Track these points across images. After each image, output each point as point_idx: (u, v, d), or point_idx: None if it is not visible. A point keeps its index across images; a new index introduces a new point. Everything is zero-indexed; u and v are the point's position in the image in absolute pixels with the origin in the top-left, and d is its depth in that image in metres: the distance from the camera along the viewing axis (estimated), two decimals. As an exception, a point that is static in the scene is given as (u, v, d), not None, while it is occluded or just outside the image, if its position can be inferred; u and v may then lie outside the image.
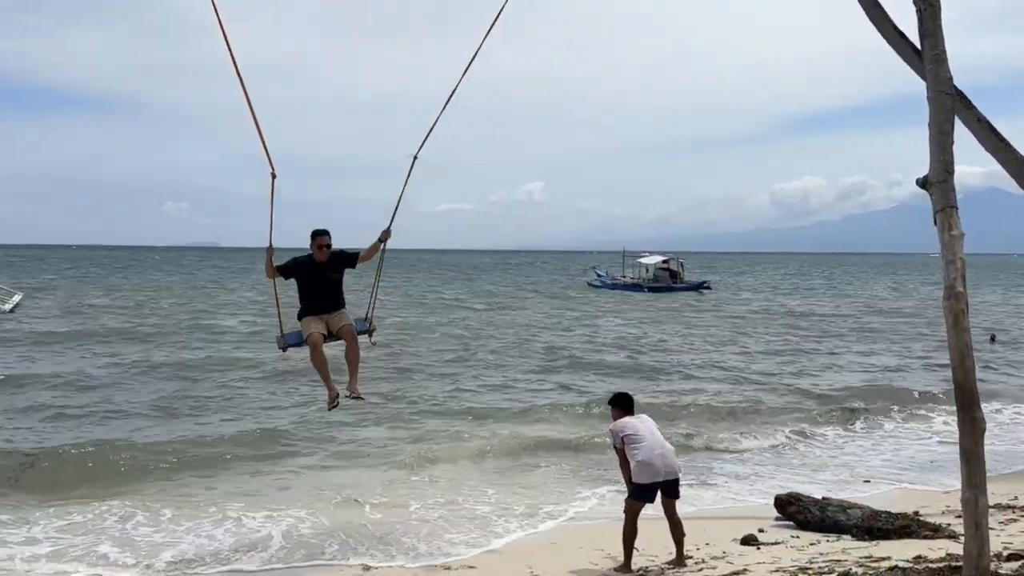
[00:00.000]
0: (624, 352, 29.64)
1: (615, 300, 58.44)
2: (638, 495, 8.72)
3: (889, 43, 7.07)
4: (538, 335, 34.25)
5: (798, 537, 9.71)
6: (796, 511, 10.43)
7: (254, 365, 24.23)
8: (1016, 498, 11.32)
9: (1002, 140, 7.14)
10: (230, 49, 7.44)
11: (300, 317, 9.00)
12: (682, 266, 72.56)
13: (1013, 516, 10.35)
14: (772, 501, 10.91)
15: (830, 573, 7.44)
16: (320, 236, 8.97)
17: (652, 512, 8.78)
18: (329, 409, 8.99)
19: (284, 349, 9.17)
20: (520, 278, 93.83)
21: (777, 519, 10.55)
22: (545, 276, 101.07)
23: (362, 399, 9.04)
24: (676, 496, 8.85)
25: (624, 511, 8.78)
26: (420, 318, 40.21)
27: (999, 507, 10.57)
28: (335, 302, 8.98)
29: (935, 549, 8.31)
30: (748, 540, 9.58)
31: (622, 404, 9.20)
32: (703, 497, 12.37)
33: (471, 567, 9.18)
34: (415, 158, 8.51)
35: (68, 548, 9.84)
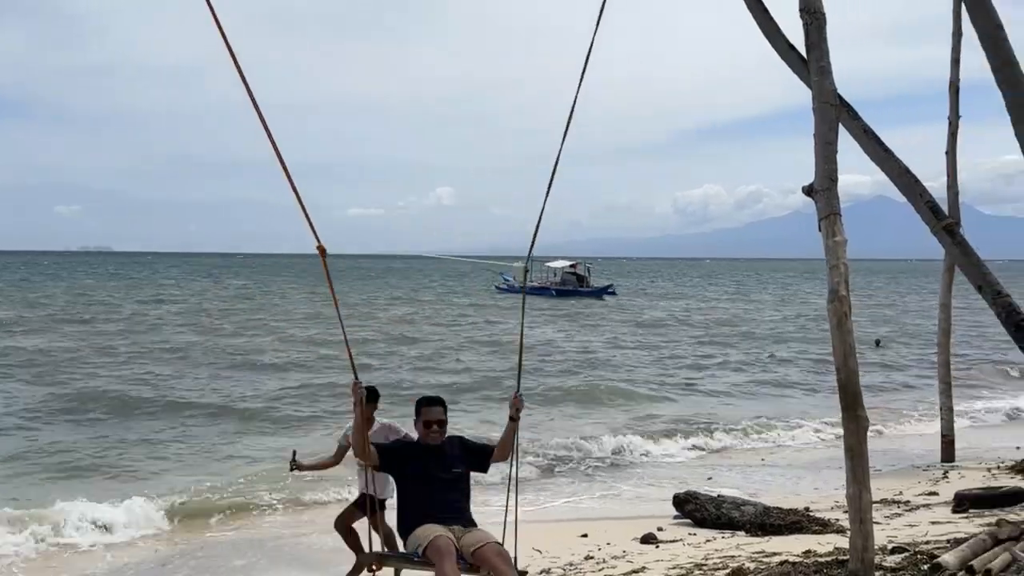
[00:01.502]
0: (517, 356, 29.82)
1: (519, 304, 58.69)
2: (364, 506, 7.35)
3: (780, 55, 7.33)
4: (442, 349, 34.06)
5: (695, 534, 9.94)
6: (693, 509, 10.68)
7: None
8: (901, 493, 11.81)
9: (886, 150, 7.45)
10: (265, 127, 4.93)
11: (407, 530, 5.97)
12: (588, 271, 73.71)
13: (898, 511, 10.77)
14: (671, 500, 11.15)
15: (724, 568, 7.63)
16: (429, 406, 6.17)
17: (562, 515, 8.86)
18: None
19: (376, 570, 6.06)
20: (429, 284, 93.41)
21: (675, 517, 10.79)
22: (453, 281, 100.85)
23: None
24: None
25: (344, 518, 7.87)
26: (324, 329, 39.32)
27: (885, 502, 11.02)
28: (460, 512, 6.01)
29: (824, 543, 8.60)
30: (648, 539, 9.76)
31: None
32: (605, 499, 12.61)
33: None
34: (527, 270, 6.85)
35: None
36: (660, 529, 10.18)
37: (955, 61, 13.44)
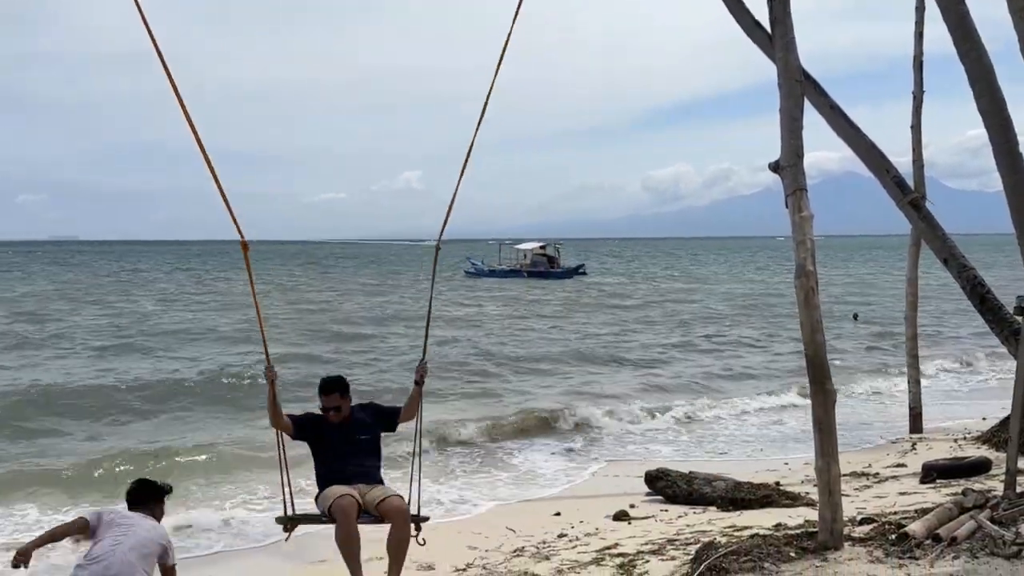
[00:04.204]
0: (494, 339, 29.87)
1: (494, 287, 58.83)
2: None
3: (746, 32, 7.35)
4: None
5: (667, 511, 10.01)
6: (665, 486, 10.75)
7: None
8: (870, 465, 11.95)
9: (853, 126, 7.50)
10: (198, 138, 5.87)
11: (319, 491, 6.68)
12: (558, 251, 73.87)
13: (867, 483, 10.90)
14: (643, 477, 11.22)
15: (696, 543, 7.68)
16: (326, 393, 6.73)
17: (533, 493, 8.83)
18: None
19: (291, 529, 6.66)
20: (398, 268, 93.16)
21: (647, 494, 10.85)
22: (422, 265, 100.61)
23: None
24: None
25: None
26: (299, 316, 38.95)
27: (854, 475, 11.15)
28: (368, 474, 6.66)
29: (794, 516, 8.70)
30: (620, 516, 9.81)
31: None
32: (577, 477, 12.67)
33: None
34: (438, 248, 7.15)
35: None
36: (632, 506, 10.24)
37: (919, 35, 13.53)
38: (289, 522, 6.59)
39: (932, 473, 10.59)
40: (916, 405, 14.64)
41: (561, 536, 9.03)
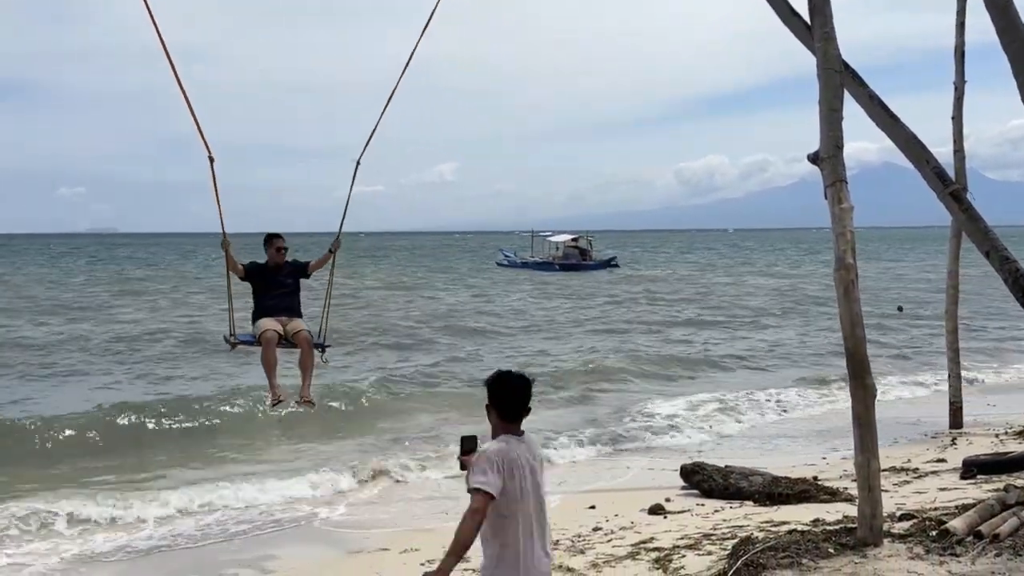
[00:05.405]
0: (533, 325, 29.84)
1: (524, 279, 58.85)
2: None
3: (783, 22, 7.26)
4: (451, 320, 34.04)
5: (703, 505, 9.95)
6: (701, 480, 10.69)
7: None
8: (909, 461, 11.80)
9: (893, 117, 7.38)
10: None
11: (254, 321, 8.94)
12: (591, 244, 73.73)
13: (906, 478, 10.77)
14: (679, 471, 11.16)
15: (732, 538, 7.63)
16: (276, 238, 9.09)
17: (569, 487, 8.76)
18: (272, 406, 9.15)
19: (233, 347, 9.05)
20: (430, 261, 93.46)
21: (683, 488, 10.80)
22: (455, 258, 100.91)
23: (313, 405, 8.97)
24: None
25: None
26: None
27: (893, 470, 11.01)
28: (290, 308, 8.96)
29: (833, 512, 8.61)
30: (655, 510, 9.77)
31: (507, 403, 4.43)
32: (612, 471, 12.63)
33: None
34: (358, 164, 8.39)
35: None
36: (668, 500, 10.19)
37: (960, 25, 13.30)
38: (232, 344, 8.93)
39: (973, 469, 10.44)
40: (956, 399, 14.43)
41: (596, 530, 9.02)
